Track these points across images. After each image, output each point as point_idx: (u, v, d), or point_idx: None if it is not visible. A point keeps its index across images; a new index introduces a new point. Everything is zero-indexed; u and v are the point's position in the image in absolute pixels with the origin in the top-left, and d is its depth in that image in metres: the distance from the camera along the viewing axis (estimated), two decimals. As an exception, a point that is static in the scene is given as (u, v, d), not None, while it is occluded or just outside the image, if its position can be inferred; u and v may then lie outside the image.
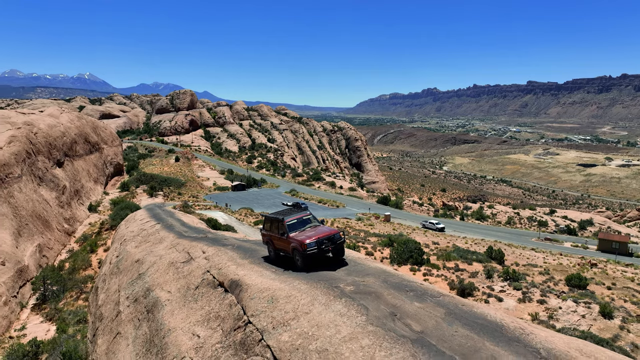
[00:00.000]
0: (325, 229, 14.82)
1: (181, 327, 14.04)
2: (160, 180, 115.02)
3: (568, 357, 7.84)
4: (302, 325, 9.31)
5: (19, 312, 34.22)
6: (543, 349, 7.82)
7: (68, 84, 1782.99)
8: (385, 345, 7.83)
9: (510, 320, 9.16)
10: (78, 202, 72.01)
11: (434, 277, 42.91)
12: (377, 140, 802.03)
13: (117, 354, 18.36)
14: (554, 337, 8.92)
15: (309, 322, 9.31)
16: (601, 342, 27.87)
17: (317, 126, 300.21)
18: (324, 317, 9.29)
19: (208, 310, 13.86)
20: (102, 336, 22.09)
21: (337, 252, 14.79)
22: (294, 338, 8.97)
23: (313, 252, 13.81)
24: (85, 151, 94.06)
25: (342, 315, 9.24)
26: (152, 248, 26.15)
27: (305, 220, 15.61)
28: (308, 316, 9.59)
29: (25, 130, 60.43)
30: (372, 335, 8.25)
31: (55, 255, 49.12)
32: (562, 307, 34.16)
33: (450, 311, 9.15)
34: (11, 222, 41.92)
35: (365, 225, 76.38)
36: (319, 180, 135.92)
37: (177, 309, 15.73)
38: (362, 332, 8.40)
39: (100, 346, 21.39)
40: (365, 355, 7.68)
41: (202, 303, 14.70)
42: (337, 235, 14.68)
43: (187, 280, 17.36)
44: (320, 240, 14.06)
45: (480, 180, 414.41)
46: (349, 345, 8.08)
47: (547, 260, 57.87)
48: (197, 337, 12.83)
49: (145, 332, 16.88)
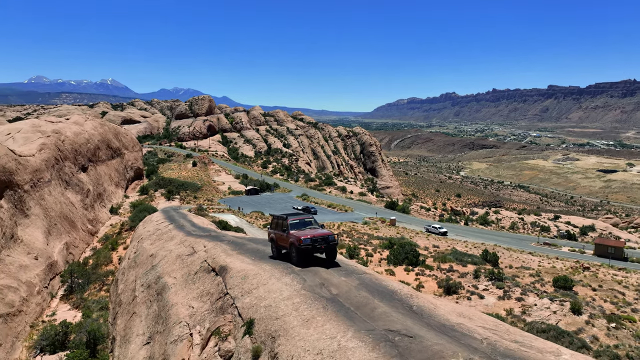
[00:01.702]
0: (322, 231, 16.54)
1: (181, 302, 17.93)
2: (177, 184, 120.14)
3: (439, 313, 11.42)
4: (259, 291, 13.10)
5: (50, 301, 38.77)
6: (416, 306, 11.44)
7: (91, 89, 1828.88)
8: (308, 302, 11.56)
9: (407, 290, 12.76)
10: (100, 204, 77.19)
11: (425, 277, 46.09)
12: (394, 145, 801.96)
13: (132, 329, 22.39)
14: (437, 301, 12.51)
15: (264, 289, 13.09)
16: (563, 334, 30.86)
17: (332, 131, 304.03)
18: (274, 286, 13.06)
19: (202, 289, 17.71)
20: (121, 317, 26.20)
21: (329, 251, 16.54)
22: (252, 300, 12.77)
23: (307, 247, 15.61)
24: (108, 156, 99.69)
25: (287, 284, 13.01)
26: (164, 244, 30.24)
27: (306, 222, 17.43)
28: (265, 286, 13.37)
29: (54, 138, 65.73)
30: (303, 296, 11.99)
31: (80, 253, 53.90)
32: (538, 304, 37.05)
33: (363, 283, 12.84)
34: (42, 222, 46.74)
35: (370, 228, 79.67)
36: (331, 185, 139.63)
37: (180, 289, 19.63)
38: (297, 294, 12.14)
39: (119, 325, 25.50)
40: (294, 306, 11.42)
41: (198, 284, 18.57)
42: (331, 237, 16.42)
43: (189, 268, 21.27)
44: (315, 238, 15.81)
45: (497, 186, 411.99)
46: (286, 302, 11.83)
47: (541, 264, 60.35)
48: (192, 307, 16.69)
49: (155, 310, 20.84)
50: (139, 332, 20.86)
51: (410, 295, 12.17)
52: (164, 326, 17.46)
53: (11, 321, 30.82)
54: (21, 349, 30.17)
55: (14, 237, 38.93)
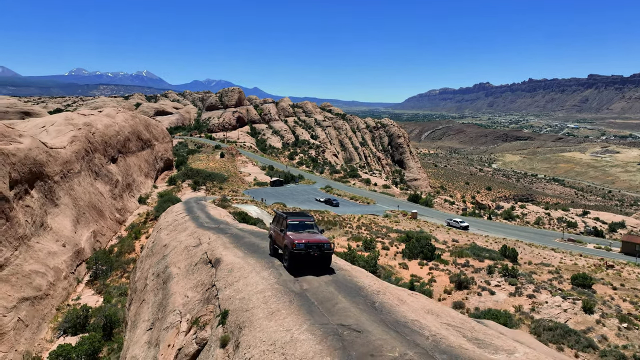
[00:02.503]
0: (319, 237, 15.72)
1: (179, 292, 19.06)
2: (205, 175, 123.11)
3: (400, 310, 11.99)
4: (239, 284, 13.97)
5: (76, 286, 41.14)
6: (378, 302, 12.05)
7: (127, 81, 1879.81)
8: (278, 295, 12.34)
9: (376, 286, 13.34)
10: (129, 194, 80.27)
11: (438, 271, 46.20)
12: (425, 136, 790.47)
13: (140, 315, 23.80)
14: (411, 297, 13.05)
15: (243, 282, 13.95)
16: (569, 332, 30.62)
17: (360, 123, 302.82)
18: (252, 280, 13.90)
19: (198, 280, 18.77)
20: (134, 304, 27.78)
21: (322, 259, 15.40)
22: (231, 292, 13.65)
23: (299, 252, 14.75)
24: (138, 148, 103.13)
25: (264, 278, 13.82)
26: (176, 235, 31.64)
27: (306, 224, 16.73)
28: (245, 279, 14.23)
29: (85, 130, 68.72)
30: (275, 290, 12.78)
31: (107, 241, 56.57)
32: (549, 301, 36.65)
33: (335, 279, 13.50)
34: (71, 211, 49.34)
35: (390, 221, 79.77)
36: (355, 177, 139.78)
37: (181, 280, 20.78)
38: (270, 288, 12.94)
39: (132, 311, 27.06)
40: (264, 299, 12.23)
41: (196, 275, 19.65)
42: (327, 245, 15.37)
43: (191, 259, 22.42)
44: (309, 244, 14.94)
45: (530, 179, 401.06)
46: (258, 295, 12.65)
47: (563, 261, 59.12)
48: (187, 297, 17.76)
49: (159, 298, 22.11)
50: (145, 318, 22.21)
51: (377, 291, 12.75)
52: (163, 313, 18.65)
53: (38, 304, 33.03)
54: (47, 330, 32.36)
55: (44, 225, 41.40)
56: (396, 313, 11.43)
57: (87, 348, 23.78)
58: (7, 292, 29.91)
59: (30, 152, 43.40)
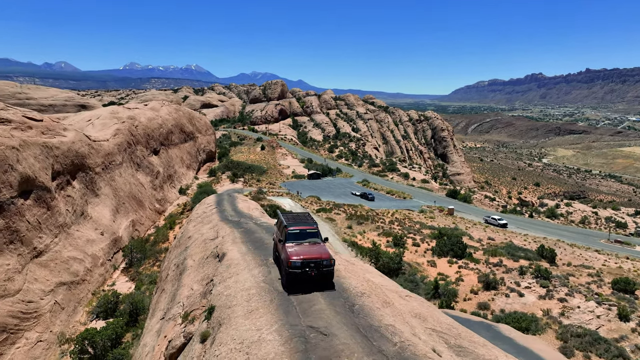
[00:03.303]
0: (318, 252, 14.19)
1: (187, 284, 19.73)
2: (244, 167, 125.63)
3: (378, 313, 11.92)
4: (230, 281, 14.33)
5: (112, 273, 43.37)
6: (358, 305, 12.02)
7: (177, 74, 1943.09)
8: (261, 294, 12.58)
9: (362, 288, 13.30)
10: (170, 185, 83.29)
11: (467, 270, 45.08)
12: (472, 129, 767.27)
13: (159, 304, 24.84)
14: (400, 300, 12.95)
15: (234, 279, 14.30)
16: (599, 340, 29.10)
17: (402, 115, 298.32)
18: (242, 277, 14.21)
19: (205, 274, 19.34)
20: (157, 292, 28.98)
21: (321, 277, 13.86)
22: (222, 288, 14.03)
23: (295, 271, 13.39)
24: (180, 140, 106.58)
25: (253, 276, 14.09)
26: (200, 227, 32.63)
27: (308, 233, 15.25)
28: (237, 276, 14.57)
29: (128, 123, 71.78)
30: (260, 288, 13.03)
31: (146, 230, 59.08)
32: (581, 306, 34.88)
33: (322, 279, 13.50)
34: (111, 201, 51.88)
35: (425, 217, 78.41)
36: (394, 171, 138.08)
37: (192, 272, 21.49)
38: (256, 286, 13.20)
39: (154, 299, 28.26)
40: (247, 297, 12.51)
41: (205, 268, 20.25)
42: (326, 262, 13.86)
43: (205, 252, 23.11)
44: (306, 262, 13.56)
45: (583, 175, 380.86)
46: (243, 292, 12.94)
47: (606, 263, 56.02)
48: (192, 290, 18.37)
49: (174, 288, 22.97)
50: (161, 307, 23.17)
51: (361, 293, 12.72)
52: (171, 304, 19.41)
53: (74, 288, 35.13)
54: (82, 313, 34.40)
55: (84, 214, 43.83)
56: (373, 317, 11.37)
57: (111, 333, 25.11)
58: (45, 277, 32.00)
59: (73, 145, 45.93)
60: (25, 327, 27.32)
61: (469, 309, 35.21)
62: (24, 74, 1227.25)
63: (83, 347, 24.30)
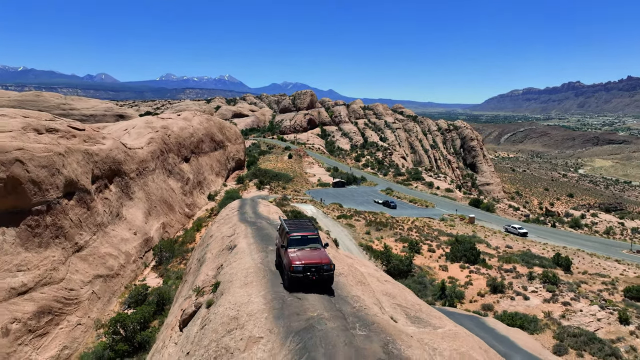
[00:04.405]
0: (320, 255, 15.00)
1: (204, 272, 22.71)
2: (271, 175, 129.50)
3: (352, 289, 14.47)
4: (235, 264, 17.21)
5: (143, 269, 47.17)
6: (335, 281, 14.63)
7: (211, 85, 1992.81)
8: (257, 272, 15.36)
9: (342, 270, 15.87)
10: (199, 191, 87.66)
11: (477, 275, 46.55)
12: (504, 139, 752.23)
13: (181, 292, 27.97)
14: (377, 283, 15.47)
15: (238, 262, 17.16)
16: (593, 340, 30.35)
17: (431, 125, 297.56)
18: (245, 260, 17.07)
19: (218, 262, 22.27)
20: (181, 284, 32.24)
21: (321, 281, 14.56)
22: (228, 269, 16.92)
23: (297, 276, 14.19)
24: (210, 148, 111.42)
25: (253, 259, 16.92)
26: (221, 227, 35.81)
27: (309, 239, 15.90)
28: (241, 260, 17.45)
29: (161, 133, 76.56)
30: (257, 268, 15.83)
31: (175, 232, 63.06)
32: (583, 310, 35.96)
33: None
34: (144, 204, 56.06)
35: (445, 225, 79.58)
36: (418, 180, 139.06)
37: (210, 263, 24.50)
38: (253, 267, 16.01)
39: (178, 290, 31.50)
40: (245, 274, 15.31)
41: (219, 259, 23.21)
42: (326, 267, 14.56)
43: (221, 246, 26.11)
44: (307, 266, 14.32)
45: (621, 186, 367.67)
46: (243, 271, 15.76)
47: (624, 273, 56.00)
48: (207, 275, 21.31)
49: (194, 278, 26.06)
50: (183, 294, 26.26)
51: (340, 274, 15.28)
52: (190, 289, 22.44)
53: (109, 281, 38.91)
54: (115, 303, 38.08)
55: (119, 215, 47.95)
56: (343, 290, 13.94)
57: (140, 317, 28.37)
58: (84, 269, 35.84)
59: (110, 152, 50.34)
60: (67, 311, 31.01)
61: (472, 310, 36.82)
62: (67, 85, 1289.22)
63: (115, 328, 27.64)
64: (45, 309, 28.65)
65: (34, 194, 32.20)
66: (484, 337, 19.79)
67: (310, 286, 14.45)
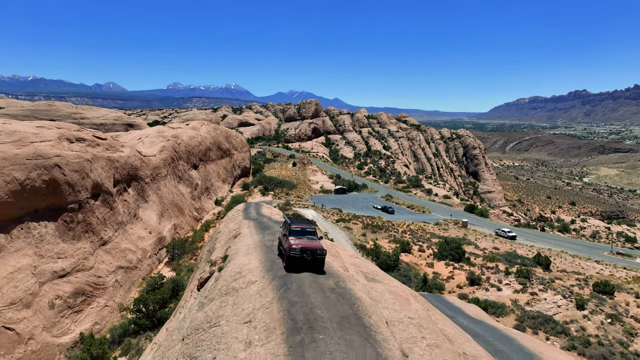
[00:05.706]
0: (315, 244, 17.73)
1: (215, 255, 27.80)
2: (275, 182, 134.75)
3: (333, 264, 19.48)
4: (240, 243, 22.31)
5: (158, 264, 52.34)
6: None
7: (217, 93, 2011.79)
8: (256, 247, 20.47)
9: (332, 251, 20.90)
10: (207, 196, 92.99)
11: (459, 270, 51.24)
12: (510, 147, 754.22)
13: (191, 283, 33.07)
14: (344, 255, 20.53)
15: (242, 241, 22.27)
16: (548, 321, 34.98)
17: (434, 133, 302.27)
18: (247, 239, 22.18)
19: (227, 246, 27.37)
20: (193, 273, 37.33)
21: (314, 262, 17.29)
22: (234, 247, 22.04)
23: (295, 256, 17.01)
24: (217, 156, 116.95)
25: (254, 239, 22.03)
26: (228, 224, 40.92)
27: (307, 231, 18.69)
28: (244, 240, 22.55)
29: (172, 141, 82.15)
30: (257, 244, 20.93)
31: (185, 233, 68.28)
32: (548, 298, 40.56)
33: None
34: (157, 207, 61.37)
35: (439, 229, 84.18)
36: (417, 187, 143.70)
37: (218, 250, 29.59)
38: (253, 244, 21.10)
39: (190, 278, 36.61)
40: (247, 248, 20.39)
41: (226, 244, 28.31)
42: (319, 251, 17.30)
43: (228, 236, 31.20)
44: (304, 249, 17.17)
45: (625, 195, 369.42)
46: (245, 247, 20.86)
47: (601, 272, 60.28)
48: (218, 255, 26.41)
49: (204, 264, 31.14)
50: (196, 277, 31.36)
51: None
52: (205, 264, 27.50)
53: (129, 272, 44.08)
54: (135, 292, 43.21)
55: (136, 216, 53.25)
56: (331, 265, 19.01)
57: (159, 298, 33.45)
58: (109, 260, 41.06)
59: (128, 159, 55.80)
60: (96, 294, 36.17)
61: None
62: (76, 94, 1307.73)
63: (139, 307, 32.72)
64: (79, 290, 33.83)
65: (69, 194, 37.55)
66: (438, 305, 24.58)
67: (305, 267, 17.22)
